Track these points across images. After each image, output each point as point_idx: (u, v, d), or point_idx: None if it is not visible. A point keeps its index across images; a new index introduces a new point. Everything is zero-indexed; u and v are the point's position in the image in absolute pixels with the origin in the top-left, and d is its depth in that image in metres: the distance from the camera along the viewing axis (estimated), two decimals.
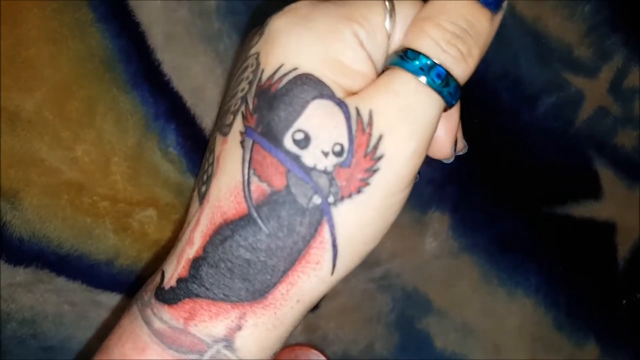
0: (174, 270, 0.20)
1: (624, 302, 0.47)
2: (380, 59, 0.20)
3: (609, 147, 0.46)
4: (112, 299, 0.41)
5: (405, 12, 0.20)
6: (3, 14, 0.39)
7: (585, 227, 0.46)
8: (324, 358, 0.43)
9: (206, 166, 0.21)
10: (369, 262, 0.45)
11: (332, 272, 0.20)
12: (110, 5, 0.40)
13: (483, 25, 0.19)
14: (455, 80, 0.19)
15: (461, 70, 0.19)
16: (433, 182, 0.45)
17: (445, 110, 0.20)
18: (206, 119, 0.42)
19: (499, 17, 0.20)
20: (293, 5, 0.20)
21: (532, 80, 0.45)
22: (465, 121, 0.45)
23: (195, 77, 0.41)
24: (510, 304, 0.46)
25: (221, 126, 0.20)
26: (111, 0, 0.40)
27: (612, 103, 0.46)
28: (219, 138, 0.20)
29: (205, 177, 0.20)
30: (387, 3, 0.19)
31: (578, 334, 0.47)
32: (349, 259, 0.20)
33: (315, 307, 0.45)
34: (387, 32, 0.19)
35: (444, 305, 0.46)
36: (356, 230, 0.19)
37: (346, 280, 0.44)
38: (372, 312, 0.45)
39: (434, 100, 0.19)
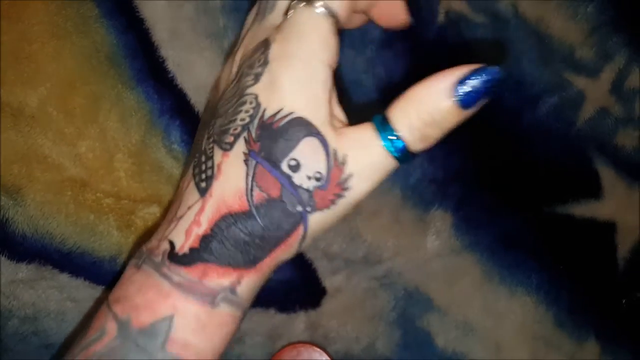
0: (185, 241, 0.27)
1: (624, 301, 0.47)
2: (335, 57, 0.27)
3: (610, 147, 0.46)
4: None
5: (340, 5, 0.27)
6: (7, 9, 0.39)
7: (585, 227, 0.47)
8: (326, 356, 0.43)
9: (203, 167, 0.27)
10: (371, 260, 0.45)
11: (299, 249, 0.28)
12: (116, 1, 0.40)
13: (453, 121, 0.26)
14: (410, 155, 0.26)
15: (418, 148, 0.26)
16: (435, 181, 0.45)
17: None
18: None
19: (472, 110, 0.26)
20: (278, 51, 0.26)
21: (534, 81, 0.45)
22: (468, 121, 0.45)
23: (199, 74, 0.41)
24: (512, 302, 0.47)
25: (220, 142, 0.27)
26: None
27: (613, 103, 0.46)
28: (217, 150, 0.27)
29: (204, 175, 0.27)
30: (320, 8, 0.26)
31: (579, 332, 0.47)
32: (305, 246, 0.28)
33: (317, 305, 0.45)
34: (331, 29, 0.26)
35: (445, 303, 0.46)
36: (318, 229, 0.27)
37: (348, 278, 0.45)
38: (374, 310, 0.45)
39: (391, 162, 0.26)
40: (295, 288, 0.44)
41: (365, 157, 0.26)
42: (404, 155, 0.26)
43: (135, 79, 0.40)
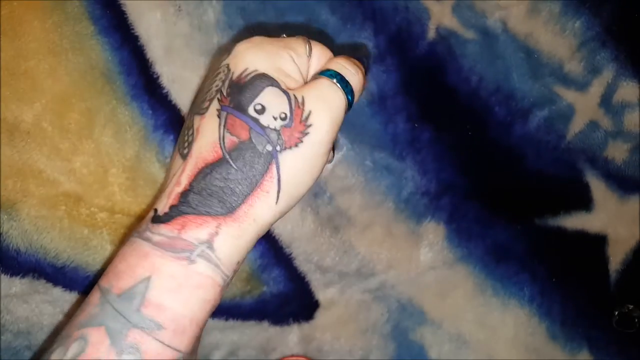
0: (166, 202, 0.29)
1: (616, 313, 0.47)
2: (304, 72, 0.32)
3: (600, 159, 0.47)
4: None
5: (317, 50, 0.32)
6: (3, 26, 0.39)
7: (577, 239, 0.47)
8: None
9: (186, 137, 0.30)
10: (364, 273, 0.45)
11: (276, 202, 0.29)
12: (111, 18, 0.40)
13: (361, 70, 0.33)
14: (350, 85, 0.31)
15: (353, 81, 0.31)
16: (428, 194, 0.45)
17: (347, 106, 0.31)
18: None
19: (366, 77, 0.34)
20: (251, 38, 0.31)
21: (524, 95, 0.46)
22: (460, 135, 0.46)
23: (194, 90, 0.42)
24: (504, 315, 0.47)
25: (199, 110, 0.30)
26: (111, 13, 0.40)
27: (602, 117, 0.47)
28: (196, 117, 0.30)
29: (186, 143, 0.30)
30: (306, 43, 0.32)
31: (572, 344, 0.47)
32: (287, 194, 0.29)
33: (310, 318, 0.45)
34: (307, 58, 0.32)
35: (438, 316, 0.46)
36: (293, 171, 0.29)
37: (342, 290, 0.45)
38: (368, 323, 0.46)
39: (340, 93, 0.30)
40: (288, 301, 0.44)
41: (319, 93, 0.30)
42: (345, 84, 0.31)
43: (129, 95, 0.41)
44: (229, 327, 0.44)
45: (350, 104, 0.31)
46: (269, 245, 0.43)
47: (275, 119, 0.29)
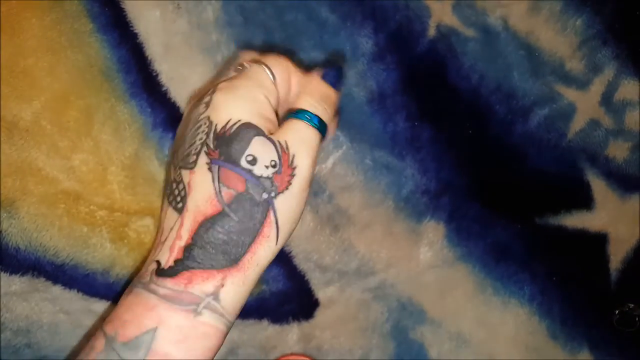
0: (169, 256, 0.29)
1: (617, 312, 0.47)
2: (274, 102, 0.33)
3: (601, 158, 0.47)
4: (108, 308, 0.41)
5: (278, 71, 0.33)
6: (2, 24, 0.39)
7: (577, 238, 0.47)
8: None
9: (177, 191, 0.31)
10: (364, 272, 0.45)
11: (276, 243, 0.31)
12: (109, 15, 0.40)
13: (332, 93, 0.34)
14: (323, 122, 0.33)
15: (325, 117, 0.33)
16: (428, 193, 0.45)
17: (321, 140, 0.33)
18: None
19: (340, 92, 0.35)
20: (223, 85, 0.31)
21: (525, 93, 0.46)
22: (460, 133, 0.45)
23: (192, 88, 0.42)
24: (505, 314, 0.47)
25: (185, 164, 0.30)
26: (110, 10, 0.40)
27: (603, 115, 0.46)
28: (184, 171, 0.30)
29: (178, 198, 0.30)
30: (266, 69, 0.32)
31: (572, 344, 0.47)
32: (285, 233, 0.31)
33: (310, 316, 0.45)
34: (273, 82, 0.32)
35: (438, 315, 0.46)
36: (288, 212, 0.31)
37: (341, 289, 0.45)
38: (368, 322, 0.45)
39: (315, 132, 0.32)
40: (288, 300, 0.44)
41: (299, 136, 0.31)
42: (321, 124, 0.32)
43: (128, 93, 0.40)
44: None
45: (324, 136, 0.34)
46: None
47: (267, 167, 0.30)
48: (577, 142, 0.46)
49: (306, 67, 0.37)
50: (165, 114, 0.41)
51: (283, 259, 0.44)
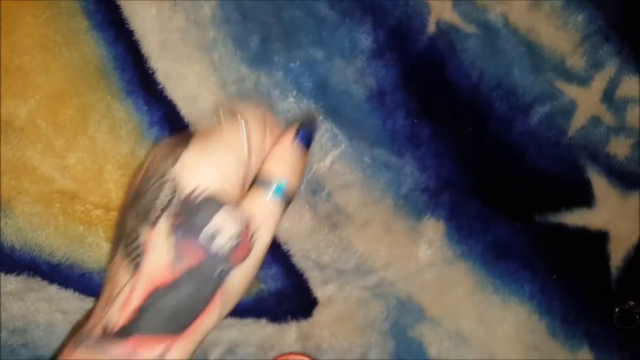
0: (119, 318, 0.29)
1: (617, 310, 0.47)
2: (244, 171, 0.31)
3: (602, 155, 0.46)
4: None
5: (254, 127, 0.32)
6: None
7: (578, 236, 0.47)
8: None
9: (133, 244, 0.30)
10: (363, 270, 0.45)
11: (224, 312, 0.31)
12: (105, 13, 0.40)
13: (301, 158, 0.33)
14: (291, 194, 0.32)
15: (293, 187, 0.32)
16: (427, 190, 0.45)
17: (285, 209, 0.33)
18: (200, 127, 0.42)
19: (309, 152, 0.34)
20: (197, 145, 0.30)
21: (526, 90, 0.45)
22: (460, 130, 0.45)
23: (189, 85, 0.41)
24: (504, 312, 0.46)
25: (144, 218, 0.30)
26: (106, 8, 0.40)
27: (604, 112, 0.46)
28: (143, 227, 0.30)
29: (134, 254, 0.30)
30: (242, 129, 0.31)
31: (572, 342, 0.47)
32: (232, 303, 0.31)
33: (308, 315, 0.45)
34: (247, 149, 0.31)
35: (437, 313, 0.46)
36: (239, 285, 0.31)
37: (340, 288, 0.44)
38: (367, 320, 0.45)
39: (281, 207, 0.32)
40: (287, 298, 0.44)
41: (263, 212, 0.31)
42: (286, 196, 0.32)
43: (125, 91, 0.40)
44: (226, 325, 0.43)
45: (288, 205, 0.33)
46: None
47: (226, 242, 0.29)
48: (578, 139, 0.46)
49: (281, 120, 0.38)
50: (162, 112, 0.41)
51: (281, 258, 0.44)
